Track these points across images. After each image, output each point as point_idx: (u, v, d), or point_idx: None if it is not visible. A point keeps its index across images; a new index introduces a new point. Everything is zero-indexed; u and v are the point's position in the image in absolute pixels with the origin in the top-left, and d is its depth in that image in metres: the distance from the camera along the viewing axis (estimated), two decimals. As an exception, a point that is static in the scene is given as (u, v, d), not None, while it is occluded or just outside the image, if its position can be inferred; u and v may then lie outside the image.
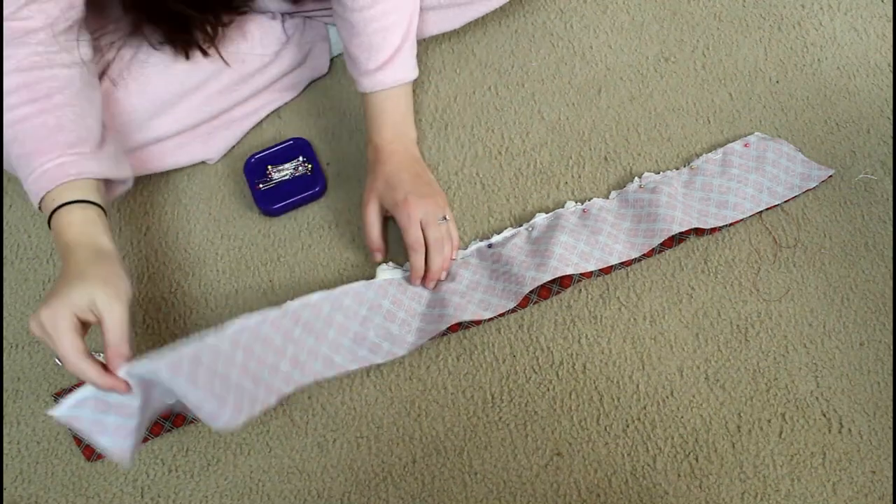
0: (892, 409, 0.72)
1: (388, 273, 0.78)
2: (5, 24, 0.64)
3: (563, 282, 0.79)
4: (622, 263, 0.79)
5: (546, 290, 0.79)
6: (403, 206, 0.75)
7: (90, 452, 0.77)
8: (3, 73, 0.65)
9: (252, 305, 0.82)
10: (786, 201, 0.81)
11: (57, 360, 0.62)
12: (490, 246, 0.81)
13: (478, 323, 0.78)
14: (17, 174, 0.67)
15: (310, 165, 0.87)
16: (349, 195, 0.87)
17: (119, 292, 0.59)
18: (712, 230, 0.80)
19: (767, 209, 0.81)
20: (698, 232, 0.80)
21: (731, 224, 0.80)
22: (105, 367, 0.57)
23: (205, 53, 0.80)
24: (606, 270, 0.79)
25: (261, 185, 0.86)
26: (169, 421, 0.77)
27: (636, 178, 0.83)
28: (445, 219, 0.77)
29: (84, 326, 0.58)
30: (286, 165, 0.87)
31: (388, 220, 0.82)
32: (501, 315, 0.78)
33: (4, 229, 0.89)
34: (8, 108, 0.65)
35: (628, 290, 0.79)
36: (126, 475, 0.76)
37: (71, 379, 0.80)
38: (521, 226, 0.82)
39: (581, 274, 0.78)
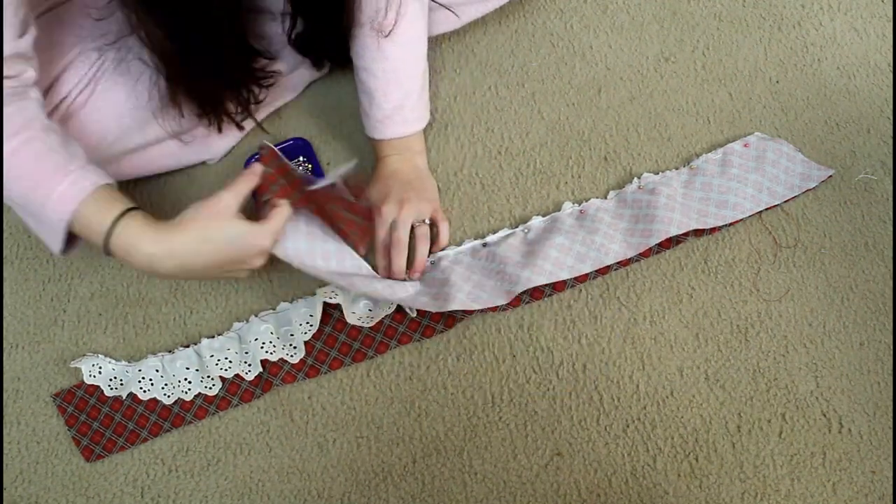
0: (892, 409, 0.72)
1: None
2: None
3: (556, 286, 0.79)
4: (619, 263, 0.79)
5: (539, 292, 0.79)
6: (378, 208, 0.79)
7: (90, 453, 0.77)
8: None
9: (252, 305, 0.82)
10: (786, 201, 0.81)
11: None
12: (485, 245, 0.81)
13: (469, 313, 0.78)
14: (26, 213, 0.65)
15: (310, 165, 0.87)
16: (349, 195, 0.87)
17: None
18: (712, 230, 0.80)
19: (767, 209, 0.81)
20: (697, 233, 0.80)
21: (730, 224, 0.80)
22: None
23: (240, 127, 0.84)
24: (604, 271, 0.79)
25: (261, 185, 0.86)
26: (168, 421, 0.77)
27: (635, 178, 0.83)
28: (426, 222, 0.80)
29: None
30: (286, 165, 0.87)
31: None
32: (493, 310, 0.78)
33: (4, 229, 0.89)
34: None
35: (628, 290, 0.79)
36: (126, 475, 0.76)
37: (70, 380, 0.80)
38: (518, 227, 0.82)
39: (576, 279, 0.78)
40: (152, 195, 0.89)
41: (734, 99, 0.89)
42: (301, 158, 0.87)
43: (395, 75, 0.79)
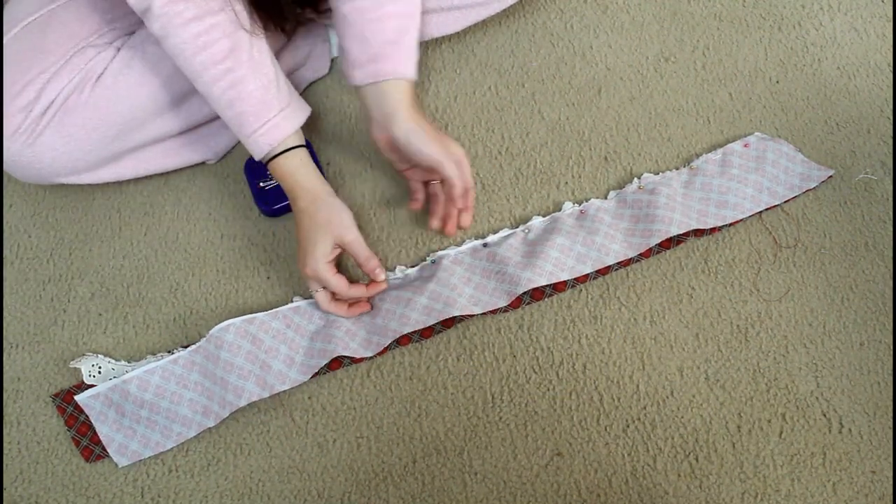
0: (892, 409, 0.72)
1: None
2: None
3: (557, 286, 0.79)
4: (619, 263, 0.79)
5: (539, 292, 0.79)
6: (457, 153, 0.76)
7: (89, 453, 0.77)
8: (214, 41, 0.69)
9: (252, 305, 0.82)
10: (786, 201, 0.81)
11: (314, 292, 0.76)
12: (485, 245, 0.81)
13: (462, 318, 0.78)
14: (232, 127, 0.74)
15: (310, 165, 0.87)
16: (349, 195, 0.87)
17: (343, 223, 0.73)
18: (712, 230, 0.80)
19: (767, 209, 0.81)
20: (697, 233, 0.80)
21: (730, 224, 0.80)
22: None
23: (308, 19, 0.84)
24: (604, 271, 0.79)
25: (261, 185, 0.86)
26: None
27: (635, 178, 0.83)
28: None
29: (336, 255, 0.75)
30: (286, 165, 0.87)
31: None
32: (493, 312, 0.78)
33: (4, 229, 0.89)
34: (225, 71, 0.70)
35: (628, 290, 0.79)
36: (126, 475, 0.76)
37: (70, 380, 0.80)
38: (518, 227, 0.82)
39: (576, 279, 0.78)
40: (152, 195, 0.89)
41: (734, 99, 0.89)
42: (301, 158, 0.87)
43: (391, 7, 0.73)
